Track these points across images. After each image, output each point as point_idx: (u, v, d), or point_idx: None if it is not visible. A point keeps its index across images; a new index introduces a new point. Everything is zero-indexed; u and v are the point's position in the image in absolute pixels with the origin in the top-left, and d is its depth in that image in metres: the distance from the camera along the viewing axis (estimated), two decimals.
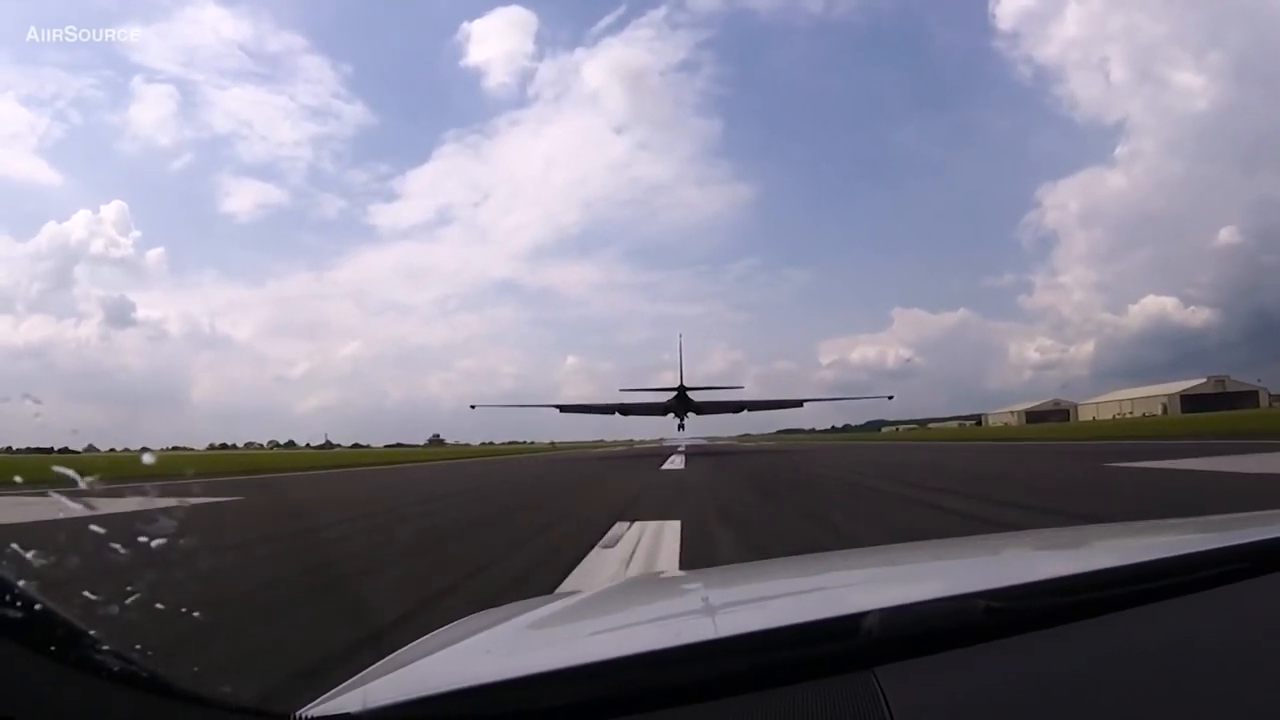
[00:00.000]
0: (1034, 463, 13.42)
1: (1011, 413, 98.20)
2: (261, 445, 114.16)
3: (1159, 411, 68.97)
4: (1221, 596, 0.82)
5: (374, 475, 18.78)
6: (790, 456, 22.54)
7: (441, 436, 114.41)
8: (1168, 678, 0.66)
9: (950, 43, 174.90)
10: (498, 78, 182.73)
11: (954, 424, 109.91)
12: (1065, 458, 14.23)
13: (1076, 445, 20.62)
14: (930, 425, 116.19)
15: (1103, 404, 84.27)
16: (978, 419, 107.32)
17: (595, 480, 13.38)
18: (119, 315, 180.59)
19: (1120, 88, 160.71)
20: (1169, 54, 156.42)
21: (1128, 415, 70.14)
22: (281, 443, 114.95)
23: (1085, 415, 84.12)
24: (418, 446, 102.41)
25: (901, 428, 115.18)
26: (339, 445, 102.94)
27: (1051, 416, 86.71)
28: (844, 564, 1.48)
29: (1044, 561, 1.28)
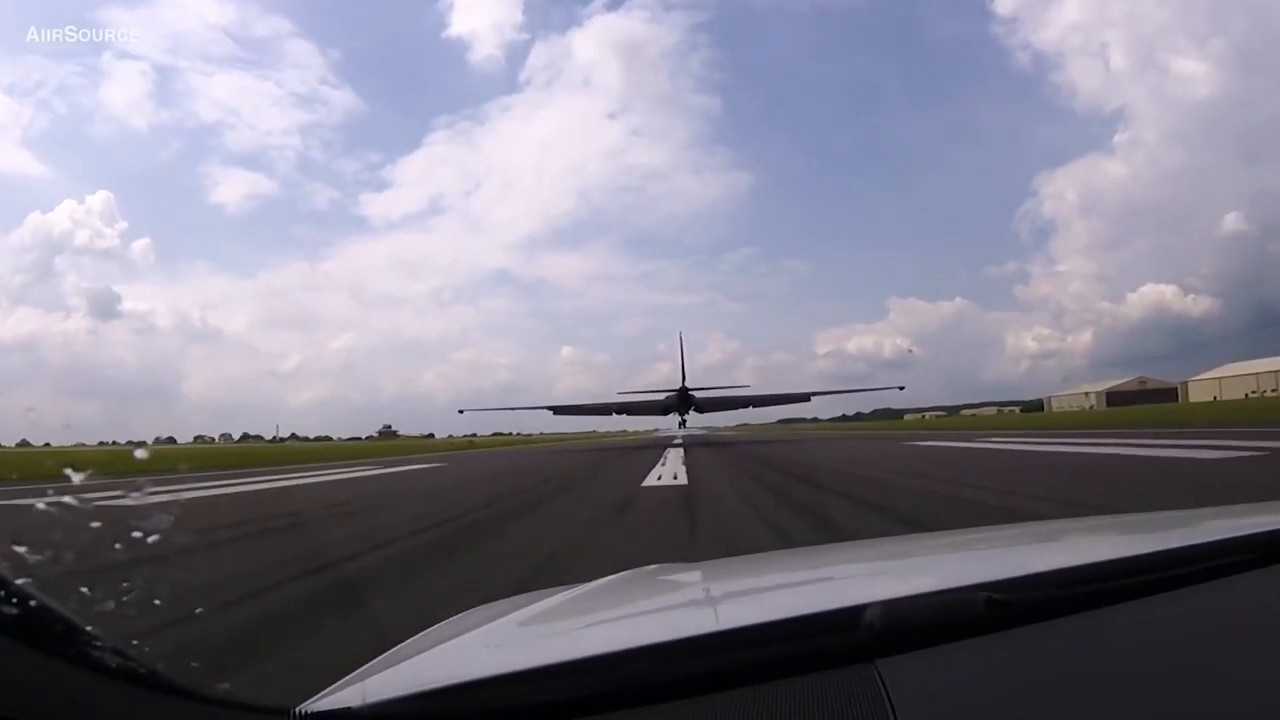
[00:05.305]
0: None
1: (1086, 394, 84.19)
2: (213, 439, 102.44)
3: None
4: (1225, 588, 0.82)
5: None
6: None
7: (394, 428, 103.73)
8: (1171, 669, 0.66)
9: (947, 29, 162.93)
10: (485, 50, 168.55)
11: (992, 410, 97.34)
12: None
13: None
14: (964, 412, 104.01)
15: (1226, 379, 68.90)
16: (1039, 404, 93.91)
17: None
18: (105, 308, 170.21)
19: (1120, 75, 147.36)
20: (1170, 40, 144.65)
21: (1269, 393, 55.99)
22: (236, 437, 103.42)
23: (1199, 395, 68.92)
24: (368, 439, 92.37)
25: (928, 415, 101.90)
26: (307, 438, 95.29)
27: (1140, 398, 72.54)
28: (845, 556, 1.53)
29: (1046, 554, 1.27)
